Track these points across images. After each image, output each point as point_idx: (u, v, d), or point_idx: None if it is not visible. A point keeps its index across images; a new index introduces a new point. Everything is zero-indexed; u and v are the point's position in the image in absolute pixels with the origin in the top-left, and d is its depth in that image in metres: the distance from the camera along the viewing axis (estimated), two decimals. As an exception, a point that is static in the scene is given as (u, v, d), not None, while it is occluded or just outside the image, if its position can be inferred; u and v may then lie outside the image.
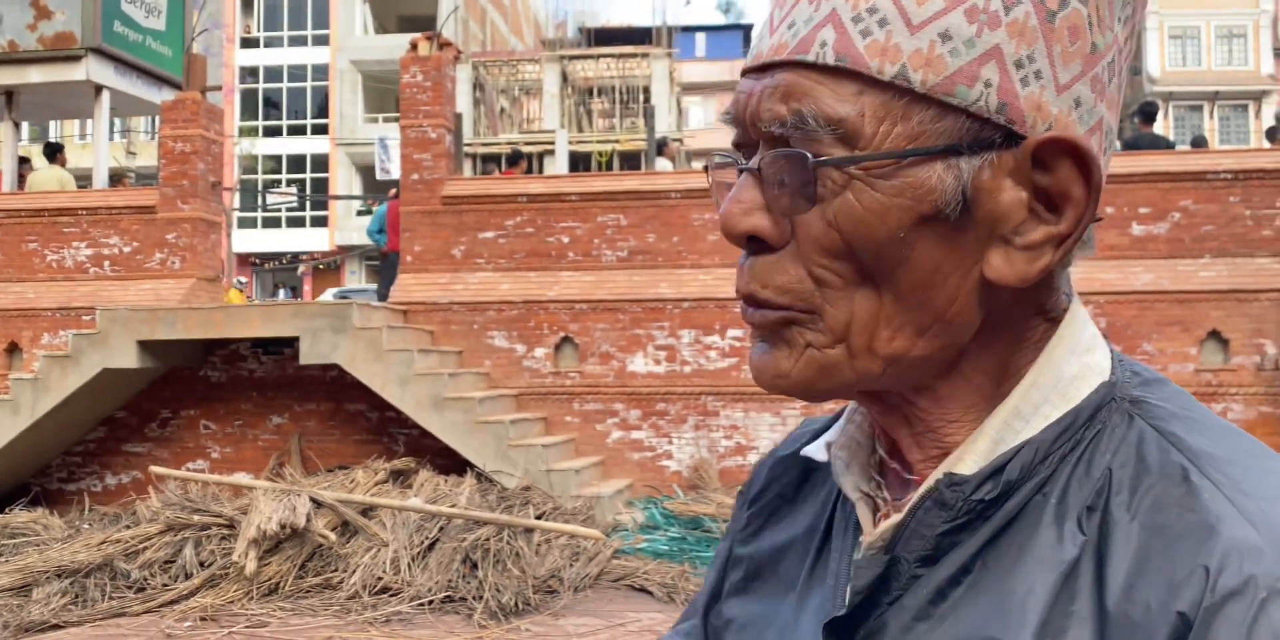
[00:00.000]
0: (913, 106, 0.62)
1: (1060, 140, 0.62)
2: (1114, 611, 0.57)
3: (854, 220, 0.63)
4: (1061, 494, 0.63)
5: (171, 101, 11.54)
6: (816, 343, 0.65)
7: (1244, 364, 9.67)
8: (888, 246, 0.63)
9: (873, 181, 0.62)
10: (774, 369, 0.67)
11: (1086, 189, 0.63)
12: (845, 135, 0.62)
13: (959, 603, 0.63)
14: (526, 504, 8.37)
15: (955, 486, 0.64)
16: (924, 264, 0.63)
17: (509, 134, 28.50)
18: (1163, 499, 0.59)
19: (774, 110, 0.64)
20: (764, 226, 0.65)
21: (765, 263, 0.66)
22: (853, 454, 0.74)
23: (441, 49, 11.25)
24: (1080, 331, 0.69)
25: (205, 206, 11.41)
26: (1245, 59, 34.78)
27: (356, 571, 7.23)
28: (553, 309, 10.49)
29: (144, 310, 9.71)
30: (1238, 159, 10.32)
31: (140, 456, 10.59)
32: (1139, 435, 0.63)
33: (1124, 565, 0.58)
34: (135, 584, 7.32)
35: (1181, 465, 0.61)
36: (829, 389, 0.67)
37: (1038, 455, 0.64)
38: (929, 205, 0.62)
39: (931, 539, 0.65)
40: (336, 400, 10.36)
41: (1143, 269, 9.93)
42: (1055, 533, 0.62)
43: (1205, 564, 0.55)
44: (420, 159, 11.01)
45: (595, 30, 34.33)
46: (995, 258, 0.64)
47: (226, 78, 30.38)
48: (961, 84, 0.61)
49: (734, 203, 0.66)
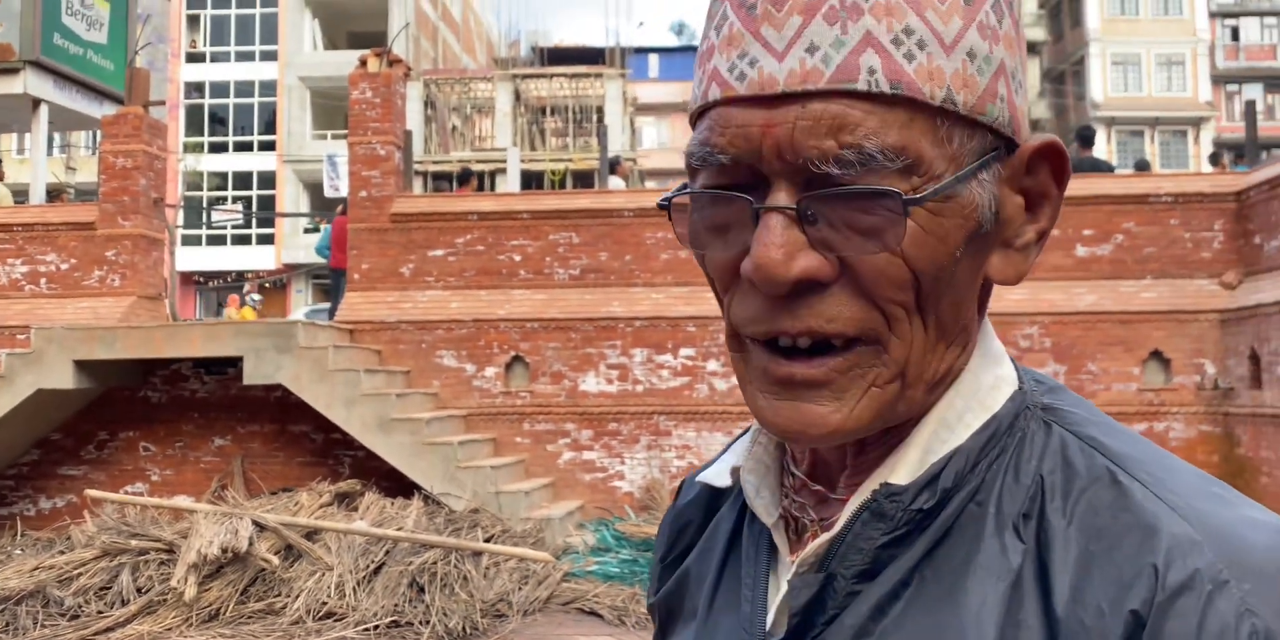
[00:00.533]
0: (954, 129, 0.62)
1: (1048, 145, 0.66)
2: (1064, 617, 0.58)
3: (920, 246, 0.61)
4: (997, 502, 0.63)
5: (113, 116, 11.32)
6: (880, 380, 0.63)
7: (1185, 383, 9.84)
8: (947, 269, 0.63)
9: (936, 207, 0.62)
10: (825, 425, 0.63)
11: (1060, 187, 0.68)
12: (911, 165, 0.60)
13: (901, 618, 0.62)
14: (475, 527, 8.24)
15: (893, 497, 0.64)
16: (965, 280, 0.65)
17: (461, 152, 28.39)
18: (1096, 502, 0.61)
19: (822, 146, 0.60)
20: (816, 267, 0.61)
21: (821, 300, 0.62)
22: (762, 477, 0.73)
23: (391, 65, 11.16)
24: (991, 342, 0.70)
25: (147, 223, 11.18)
26: (1184, 86, 35.74)
27: (300, 596, 7.06)
28: (503, 328, 10.40)
29: (81, 329, 9.47)
30: (1177, 182, 10.54)
31: (76, 479, 10.30)
32: (1061, 441, 0.65)
33: (1068, 570, 0.59)
34: (69, 611, 7.09)
35: (1108, 468, 0.62)
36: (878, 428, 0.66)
37: (968, 463, 0.65)
38: (974, 221, 0.63)
39: (870, 553, 0.64)
40: (281, 421, 10.17)
41: (1087, 289, 10.08)
42: (997, 542, 0.62)
43: (1152, 562, 0.57)
44: (369, 176, 10.89)
45: (548, 50, 34.40)
46: (996, 260, 0.67)
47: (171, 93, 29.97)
48: (990, 102, 0.63)
49: (770, 246, 0.60)
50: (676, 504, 0.85)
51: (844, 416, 0.63)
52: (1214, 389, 9.72)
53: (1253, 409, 9.27)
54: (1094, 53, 35.65)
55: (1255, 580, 0.56)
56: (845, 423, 0.63)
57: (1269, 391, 8.99)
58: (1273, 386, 8.92)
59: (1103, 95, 35.55)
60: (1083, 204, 10.19)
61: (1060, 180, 0.67)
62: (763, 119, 0.61)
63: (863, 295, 0.62)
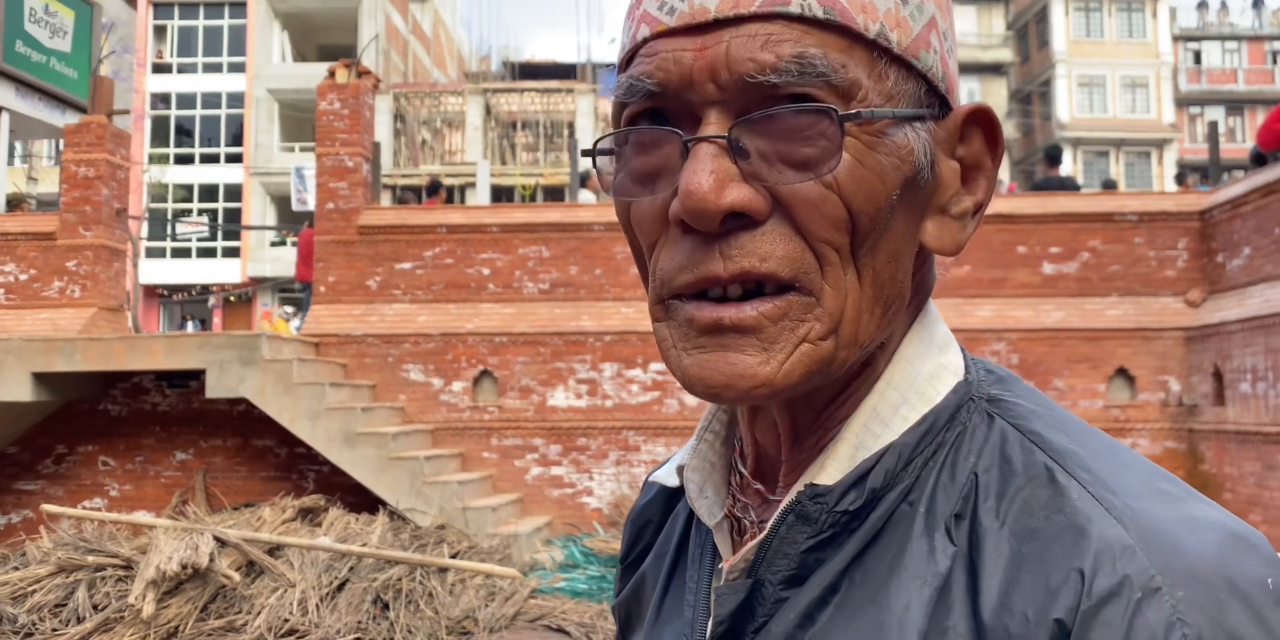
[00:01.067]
0: (889, 67, 0.60)
1: (982, 110, 0.63)
2: (990, 624, 0.55)
3: (858, 180, 0.58)
4: (929, 502, 0.60)
5: (75, 124, 11.17)
6: (812, 334, 0.59)
7: (1150, 400, 9.92)
8: (884, 212, 0.60)
9: (871, 141, 0.59)
10: (753, 377, 0.58)
11: (994, 158, 0.64)
12: (849, 86, 0.58)
13: (829, 625, 0.59)
14: (441, 543, 8.14)
15: (818, 498, 0.60)
16: (898, 233, 0.61)
17: (430, 166, 28.30)
18: (1030, 502, 0.57)
19: (757, 59, 0.58)
20: (749, 199, 0.58)
21: (752, 238, 0.58)
22: (706, 476, 0.70)
23: (360, 77, 11.10)
24: (934, 329, 0.67)
25: (109, 233, 11.02)
26: (1148, 108, 36.30)
27: (261, 613, 6.93)
28: (471, 342, 10.32)
29: (39, 340, 9.29)
30: (1142, 201, 10.66)
31: (32, 494, 10.08)
32: (1001, 436, 0.61)
33: (997, 575, 0.56)
34: (22, 629, 6.92)
35: (1046, 465, 0.59)
36: (807, 389, 0.61)
37: (900, 460, 0.61)
38: (911, 167, 0.61)
39: (795, 557, 0.61)
40: (244, 435, 10.02)
41: (1053, 307, 10.15)
42: (926, 544, 0.59)
43: (1079, 567, 0.54)
44: (336, 188, 10.80)
45: (519, 65, 34.43)
46: (930, 226, 0.63)
47: (137, 103, 29.69)
48: (922, 48, 0.61)
49: (700, 174, 0.57)
50: (637, 503, 0.82)
51: (773, 369, 0.58)
52: (1178, 406, 9.81)
53: (1216, 426, 9.36)
54: (1060, 74, 36.15)
55: (1190, 587, 0.52)
56: (774, 376, 0.58)
57: (1232, 408, 9.08)
58: (1236, 403, 9.01)
59: (1069, 116, 36.04)
60: (1049, 222, 10.28)
61: (994, 151, 0.65)
62: (696, 44, 0.59)
63: (797, 234, 0.59)
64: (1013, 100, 39.10)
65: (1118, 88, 36.17)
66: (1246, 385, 8.82)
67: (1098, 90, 36.27)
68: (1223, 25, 39.18)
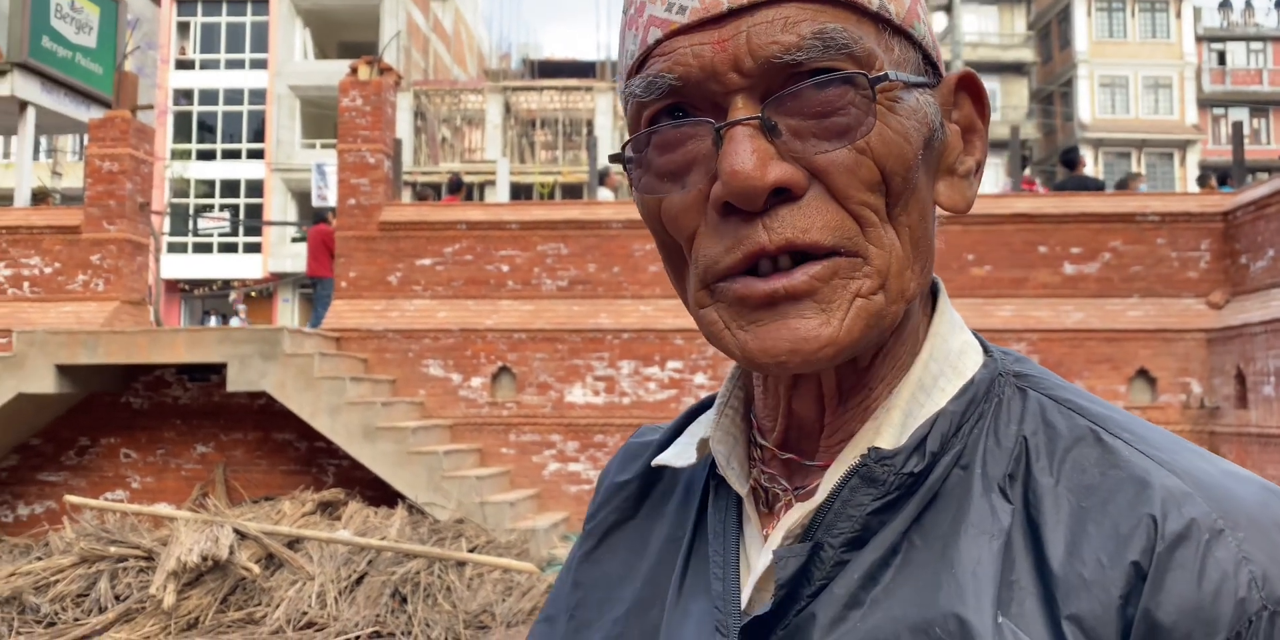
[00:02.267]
0: (894, 38, 0.64)
1: (969, 76, 0.68)
2: (1061, 573, 0.57)
3: (887, 142, 0.61)
4: (982, 465, 0.63)
5: (100, 119, 11.26)
6: (864, 290, 0.61)
7: (1171, 402, 9.86)
8: (913, 171, 0.63)
9: (892, 105, 0.62)
10: (818, 338, 0.60)
11: (984, 119, 0.69)
12: (867, 56, 0.61)
13: (893, 584, 0.61)
14: (459, 537, 8.17)
15: (884, 461, 0.62)
16: (925, 193, 0.65)
17: (450, 163, 28.37)
18: (1081, 461, 0.61)
19: (779, 41, 0.60)
20: (790, 174, 0.60)
21: (793, 211, 0.61)
22: (731, 448, 0.71)
23: (382, 74, 11.14)
24: (952, 310, 0.71)
25: (132, 228, 11.11)
26: (1171, 108, 36.02)
27: (280, 605, 6.97)
28: (490, 338, 10.35)
29: (63, 333, 9.37)
30: (1165, 202, 10.59)
31: (55, 485, 10.18)
32: (1039, 404, 0.65)
33: (1060, 528, 0.59)
34: (45, 618, 6.99)
35: (1090, 428, 0.62)
36: (869, 346, 0.63)
37: (952, 426, 0.64)
38: (928, 128, 0.64)
39: (859, 520, 0.62)
40: (264, 429, 10.08)
41: (1074, 307, 10.10)
42: (986, 503, 0.61)
43: (1150, 512, 0.57)
44: (357, 184, 10.85)
45: (539, 63, 34.46)
46: (942, 186, 0.67)
47: (160, 99, 29.88)
48: (915, 20, 0.65)
49: (742, 155, 0.59)
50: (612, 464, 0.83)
51: (835, 329, 0.60)
52: (1200, 408, 9.75)
53: (1238, 428, 9.30)
54: (1082, 74, 35.93)
55: (1248, 529, 0.57)
56: (838, 335, 0.60)
57: (1255, 411, 9.01)
58: (1258, 406, 8.95)
59: (1090, 117, 35.82)
60: (1070, 222, 10.23)
61: (983, 114, 0.69)
62: (713, 37, 0.61)
63: (834, 201, 0.61)
64: (1034, 100, 38.89)
65: (1140, 88, 35.91)
66: (1270, 388, 8.75)
67: (1120, 91, 36.02)
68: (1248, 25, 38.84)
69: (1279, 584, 0.56)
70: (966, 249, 10.25)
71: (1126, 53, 36.00)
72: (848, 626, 0.60)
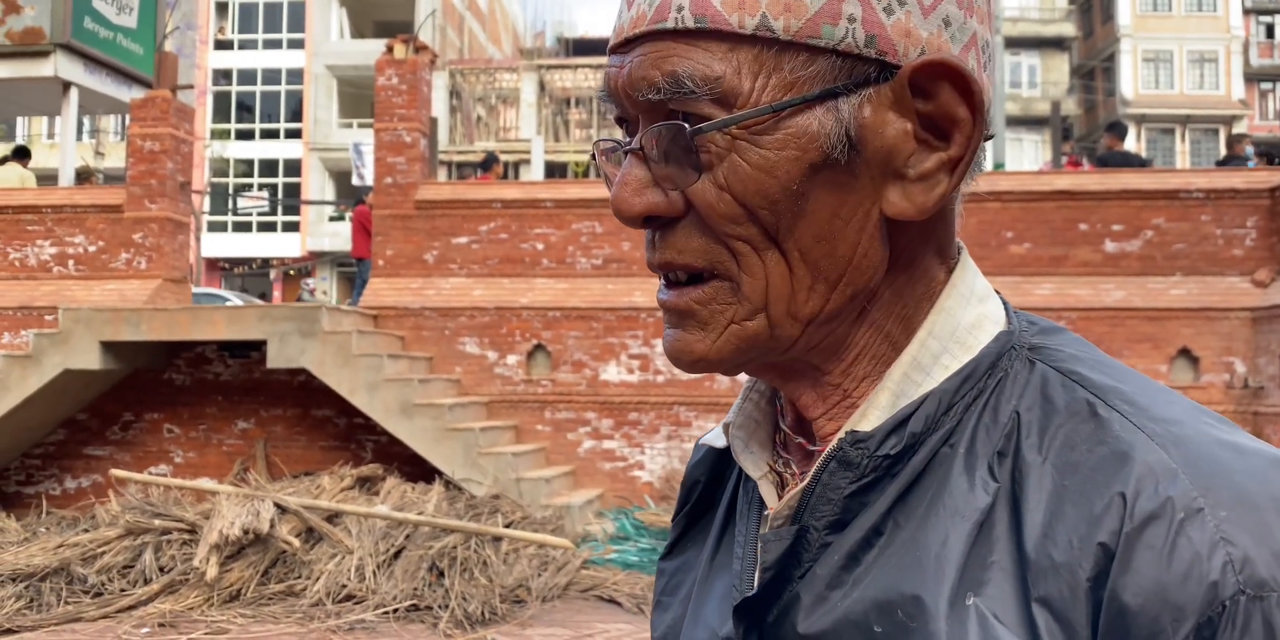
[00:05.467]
0: (782, 55, 0.61)
1: (934, 63, 0.61)
2: (1034, 555, 0.56)
3: (744, 180, 0.61)
4: (970, 443, 0.62)
5: (141, 99, 11.37)
6: (738, 317, 0.64)
7: (1214, 382, 9.73)
8: (784, 202, 0.62)
9: (756, 138, 0.61)
10: (691, 353, 0.66)
11: (970, 108, 0.62)
12: (724, 94, 0.61)
13: (872, 565, 0.61)
14: (495, 512, 8.26)
15: (859, 444, 0.63)
16: (823, 213, 0.62)
17: (485, 142, 28.41)
18: (1072, 437, 0.59)
19: (647, 77, 0.62)
20: (658, 203, 0.64)
21: (672, 233, 0.65)
22: (751, 433, 0.73)
23: (418, 52, 11.16)
24: (973, 280, 0.68)
25: (173, 206, 11.24)
26: (1216, 83, 35.31)
27: (320, 578, 7.09)
28: (525, 316, 10.40)
29: (108, 310, 9.53)
30: (1209, 178, 10.40)
31: (101, 460, 10.39)
32: (1042, 378, 0.63)
33: (1040, 507, 0.57)
34: (92, 589, 7.15)
35: (1088, 400, 0.60)
36: (748, 361, 0.66)
37: (941, 406, 0.63)
38: (816, 153, 0.61)
39: (839, 502, 0.63)
40: (304, 405, 10.21)
41: (1114, 286, 9.98)
42: (965, 482, 0.60)
43: (1121, 491, 0.55)
44: (394, 162, 10.90)
45: (574, 41, 34.36)
46: (892, 194, 0.63)
47: (199, 79, 30.12)
48: (825, 23, 0.60)
49: (622, 185, 0.65)
50: (688, 463, 0.85)
51: (707, 347, 0.65)
52: (1244, 388, 9.61)
53: (1282, 408, 9.16)
54: (1125, 49, 35.28)
55: (1234, 507, 0.53)
56: (708, 352, 0.65)
57: (1299, 391, 8.87)
58: (1303, 386, 8.80)
59: (1133, 92, 35.20)
60: (1112, 198, 10.08)
61: (971, 102, 0.62)
62: (619, 62, 0.65)
63: (707, 230, 0.63)
64: (1074, 76, 38.25)
65: (1185, 63, 35.20)
66: (1314, 367, 8.61)
67: (1164, 65, 35.33)
68: (1298, -2, 37.91)
69: (1261, 567, 0.52)
70: (1005, 226, 10.14)
71: (1171, 26, 35.27)
72: (829, 606, 0.62)
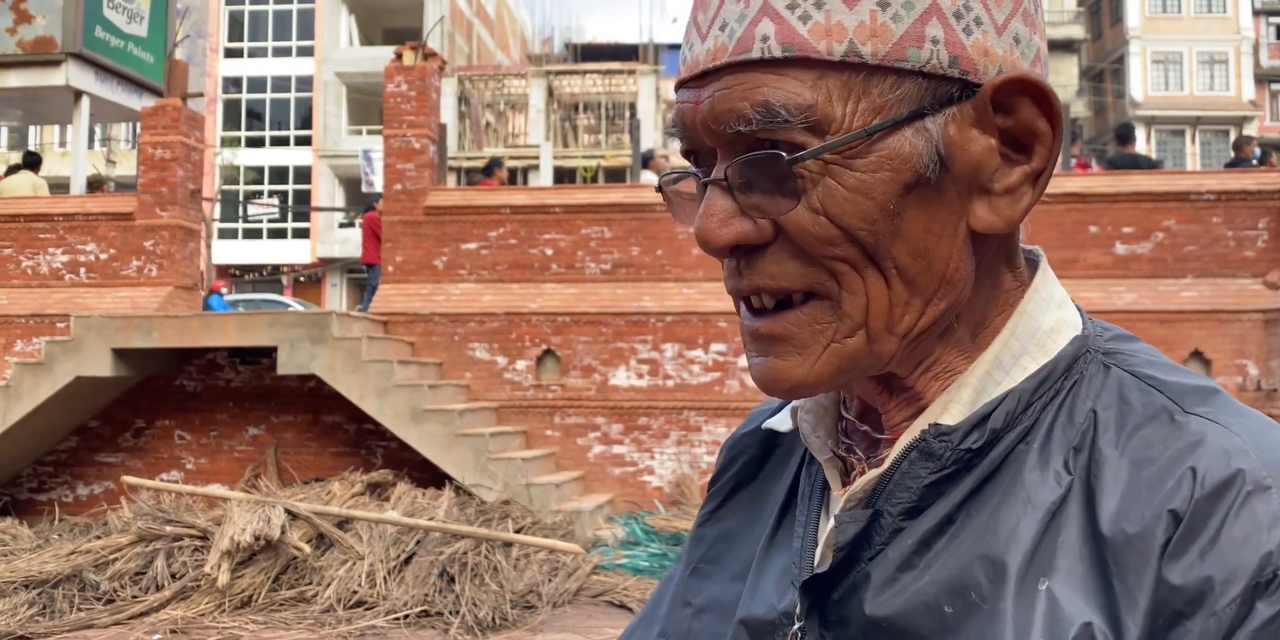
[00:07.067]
0: (870, 80, 0.62)
1: (1015, 80, 0.63)
2: (1109, 533, 0.59)
3: (841, 203, 0.63)
4: (1045, 441, 0.64)
5: (152, 107, 11.43)
6: (838, 335, 0.65)
7: (1227, 384, 9.68)
8: (881, 222, 0.63)
9: (849, 162, 0.62)
10: (789, 379, 0.66)
11: (1050, 121, 0.65)
12: (818, 122, 0.62)
13: (943, 551, 0.64)
14: (505, 518, 8.26)
15: (942, 436, 0.65)
16: (917, 231, 0.64)
17: (494, 148, 28.47)
18: (1150, 438, 0.61)
19: (734, 109, 0.63)
20: (746, 231, 0.65)
21: (761, 259, 0.66)
22: (819, 418, 0.75)
23: (426, 59, 11.19)
24: (1053, 287, 0.71)
25: (184, 214, 11.29)
26: (1226, 85, 35.20)
27: (331, 584, 7.10)
28: (535, 321, 10.41)
29: (119, 318, 9.57)
30: (1220, 180, 10.36)
31: (113, 466, 10.42)
32: (1119, 381, 0.65)
33: (1115, 494, 0.60)
34: (104, 595, 7.17)
35: (1165, 406, 0.63)
36: (845, 383, 0.68)
37: (1020, 404, 0.65)
38: (909, 173, 0.63)
39: (917, 490, 0.65)
40: (314, 411, 10.23)
41: (1125, 288, 9.94)
42: (1039, 476, 0.63)
43: (1192, 466, 0.58)
44: (403, 169, 10.93)
45: (582, 47, 34.42)
46: (979, 208, 0.65)
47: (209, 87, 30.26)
48: (911, 47, 0.62)
49: (706, 216, 0.65)
50: (737, 432, 0.87)
51: (805, 371, 0.65)
52: (1257, 390, 9.56)
53: (1295, 410, 9.11)
54: (1134, 51, 35.20)
55: None
56: (806, 377, 0.66)
57: (1312, 393, 8.82)
58: (1316, 388, 8.76)
59: (1143, 94, 35.10)
60: (1122, 201, 10.05)
61: (1050, 115, 0.65)
62: (693, 97, 0.66)
63: (801, 253, 0.64)
64: (1084, 78, 38.17)
65: (1195, 64, 35.10)
66: (1327, 369, 8.56)
67: (1174, 67, 35.23)
68: (1308, -1, 37.77)
69: None
70: (1015, 229, 10.11)
71: (1180, 28, 35.18)
72: (899, 586, 0.64)
